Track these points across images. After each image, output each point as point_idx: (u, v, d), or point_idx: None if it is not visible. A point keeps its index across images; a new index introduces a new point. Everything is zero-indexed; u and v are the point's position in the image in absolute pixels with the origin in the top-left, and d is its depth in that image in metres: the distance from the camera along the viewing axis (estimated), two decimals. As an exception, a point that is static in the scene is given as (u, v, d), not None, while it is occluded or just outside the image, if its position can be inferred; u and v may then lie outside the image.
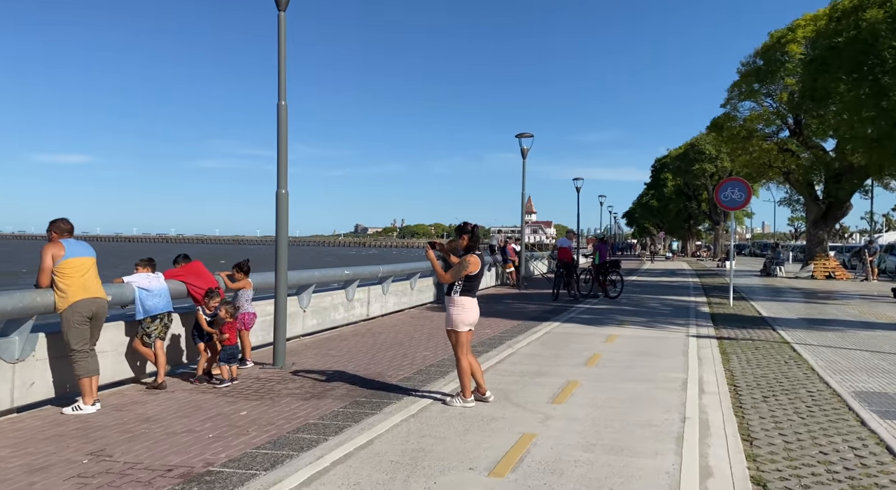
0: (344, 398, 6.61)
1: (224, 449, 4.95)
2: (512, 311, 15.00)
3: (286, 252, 8.32)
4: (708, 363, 8.80)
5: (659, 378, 7.82)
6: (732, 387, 7.41)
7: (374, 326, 12.32)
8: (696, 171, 58.69)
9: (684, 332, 11.80)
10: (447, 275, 6.35)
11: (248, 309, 8.28)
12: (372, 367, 8.27)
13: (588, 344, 10.30)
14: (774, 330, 12.15)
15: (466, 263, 6.24)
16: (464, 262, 6.28)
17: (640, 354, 9.44)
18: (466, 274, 6.25)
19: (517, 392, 6.97)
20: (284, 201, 8.30)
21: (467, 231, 6.38)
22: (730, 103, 34.19)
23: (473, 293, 6.39)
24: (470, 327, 6.39)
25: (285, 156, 8.29)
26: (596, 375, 7.91)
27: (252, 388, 7.04)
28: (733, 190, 17.06)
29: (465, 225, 6.42)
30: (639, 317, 14.08)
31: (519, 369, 8.23)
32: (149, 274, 7.12)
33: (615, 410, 6.26)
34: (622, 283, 18.81)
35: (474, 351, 9.41)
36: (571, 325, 12.72)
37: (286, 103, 8.28)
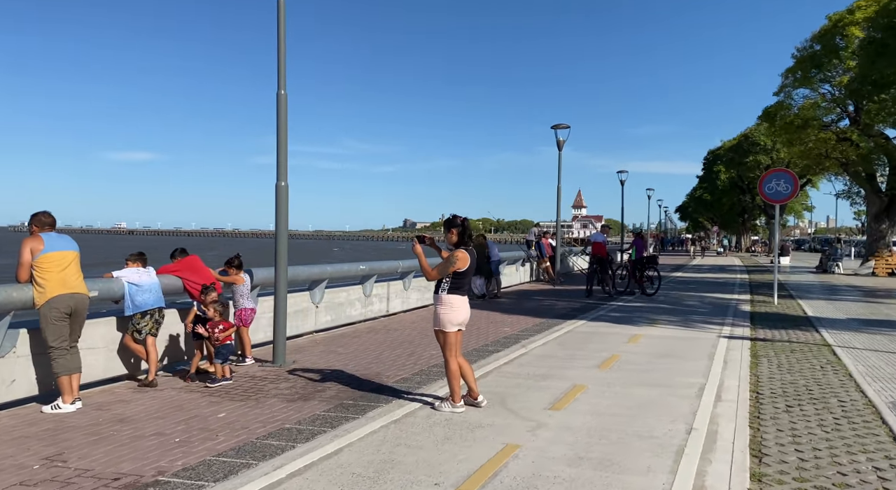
0: (331, 400, 6.31)
1: (184, 455, 4.71)
2: (539, 309, 14.51)
3: (286, 247, 8.08)
4: (734, 367, 8.19)
5: (675, 383, 7.28)
6: (754, 394, 6.83)
7: (391, 323, 12.04)
8: (750, 163, 56.52)
9: (717, 332, 11.13)
10: (433, 271, 5.98)
11: (246, 305, 8.08)
12: (373, 367, 7.97)
13: (609, 344, 9.77)
14: (817, 331, 11.36)
15: (454, 259, 5.86)
16: (451, 257, 5.89)
17: (662, 356, 8.87)
18: (454, 270, 5.86)
19: (515, 397, 6.55)
20: (284, 194, 8.05)
21: (456, 225, 5.98)
22: (784, 91, 32.68)
23: (463, 291, 5.99)
24: (459, 327, 6.01)
25: (285, 147, 8.04)
26: (606, 379, 7.42)
27: (242, 388, 6.82)
28: (778, 181, 16.10)
29: (454, 218, 6.02)
30: (672, 315, 13.41)
31: (525, 371, 7.80)
32: (139, 268, 6.96)
33: (616, 419, 5.79)
34: (660, 279, 18.05)
35: (485, 351, 9.05)
36: (598, 323, 12.17)
37: (286, 92, 8.03)
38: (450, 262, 5.86)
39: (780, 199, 16.12)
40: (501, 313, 13.51)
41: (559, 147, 21.97)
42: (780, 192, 16.06)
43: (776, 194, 16.11)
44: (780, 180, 16.10)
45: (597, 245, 17.89)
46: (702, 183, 73.54)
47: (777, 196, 16.11)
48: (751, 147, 56.56)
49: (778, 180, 16.13)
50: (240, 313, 8.03)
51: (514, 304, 15.32)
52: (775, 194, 16.12)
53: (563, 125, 21.82)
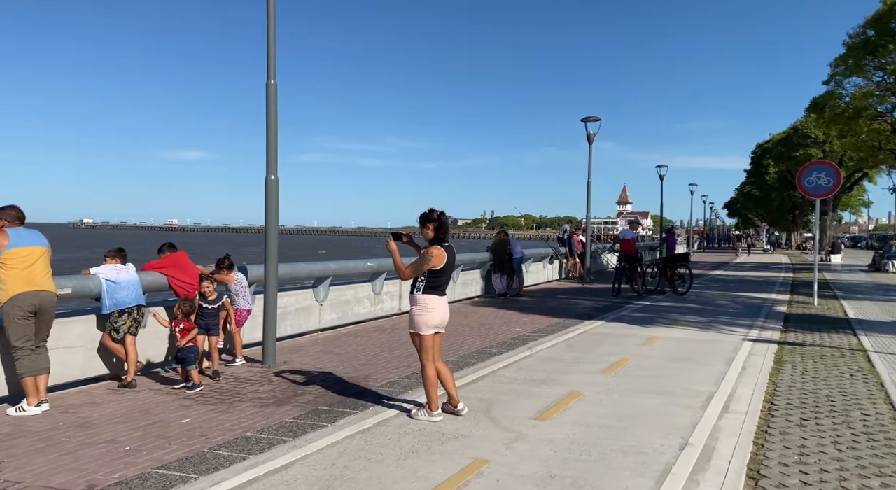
0: (306, 406, 5.98)
1: (126, 466, 4.43)
2: (560, 308, 13.98)
3: (276, 243, 7.79)
4: (752, 373, 7.58)
5: (682, 391, 6.73)
6: (768, 405, 6.24)
7: (401, 322, 11.67)
8: (801, 156, 54.21)
9: (743, 334, 10.45)
10: (407, 269, 5.57)
11: (239, 305, 7.82)
12: (365, 369, 7.62)
13: (622, 347, 9.22)
14: (855, 334, 10.58)
15: (429, 256, 5.45)
16: (425, 254, 5.48)
17: (677, 361, 8.30)
18: (430, 268, 5.45)
19: (503, 404, 6.11)
20: (274, 188, 7.77)
21: (432, 219, 5.55)
22: (834, 80, 31.16)
23: (440, 291, 5.58)
24: (436, 330, 5.60)
25: (275, 139, 7.75)
26: (608, 385, 6.91)
27: (220, 391, 6.55)
28: (819, 174, 15.17)
29: (431, 212, 5.59)
30: (699, 316, 12.72)
31: (523, 376, 7.34)
32: (117, 265, 6.75)
33: (605, 431, 5.30)
34: (691, 277, 17.27)
35: (488, 353, 8.62)
36: (617, 324, 11.60)
37: (276, 82, 7.74)
38: (424, 260, 5.46)
39: (820, 194, 15.20)
40: (518, 313, 13.04)
41: (589, 140, 21.30)
42: (821, 185, 15.14)
43: (817, 188, 15.20)
44: (821, 173, 15.17)
45: (625, 242, 17.21)
46: (750, 178, 71.24)
47: (818, 190, 15.19)
48: (801, 140, 54.39)
49: (819, 173, 15.20)
50: (236, 313, 7.78)
51: (534, 303, 14.81)
52: (816, 188, 15.20)
53: (594, 118, 21.14)
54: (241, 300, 7.82)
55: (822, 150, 52.58)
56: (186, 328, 6.68)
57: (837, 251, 39.88)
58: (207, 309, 7.06)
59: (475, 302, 15.14)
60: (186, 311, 6.70)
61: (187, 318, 6.70)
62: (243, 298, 7.84)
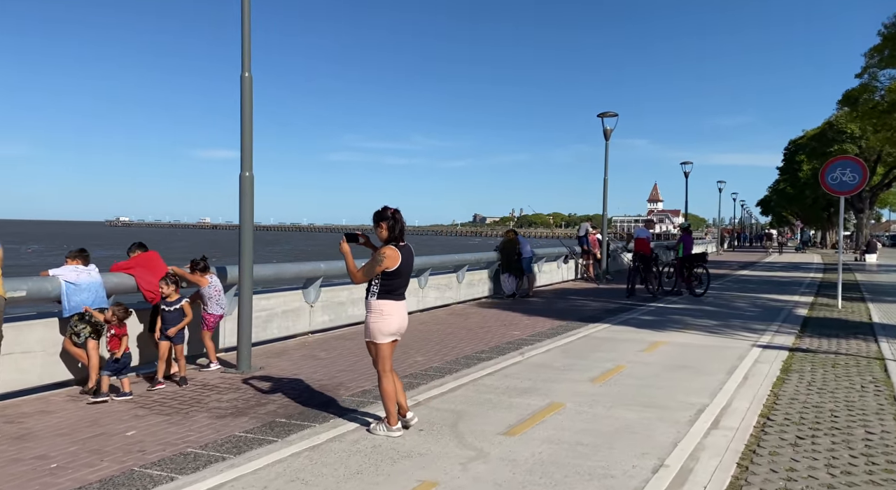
0: (265, 417, 5.65)
1: (43, 488, 4.13)
2: (567, 310, 13.49)
3: (251, 242, 7.48)
4: (753, 384, 7.06)
5: (673, 403, 6.25)
6: (764, 420, 5.74)
7: (399, 324, 11.31)
8: (835, 152, 52.47)
9: (753, 340, 9.87)
10: (359, 272, 5.18)
11: (211, 309, 7.53)
12: (341, 376, 7.27)
13: (620, 353, 8.74)
14: (876, 341, 9.93)
15: (381, 257, 5.06)
16: (377, 256, 5.09)
17: (675, 369, 7.80)
18: (383, 270, 5.07)
19: (473, 417, 5.70)
20: (249, 185, 7.46)
21: (386, 218, 5.15)
22: (868, 72, 29.99)
23: (397, 295, 5.19)
24: (393, 337, 5.22)
25: (250, 135, 7.44)
26: (594, 396, 6.46)
27: (182, 399, 6.25)
28: (844, 170, 14.41)
29: (385, 210, 5.19)
30: (711, 319, 12.14)
31: (505, 384, 6.92)
32: (77, 266, 6.49)
33: (575, 450, 4.87)
34: (709, 278, 16.60)
35: (476, 358, 8.25)
36: (621, 327, 11.09)
37: (251, 75, 7.42)
38: (375, 261, 5.07)
39: (845, 191, 14.44)
40: (522, 315, 12.60)
41: (606, 136, 20.70)
42: (846, 182, 14.37)
43: (841, 185, 14.43)
44: (846, 169, 14.41)
45: (639, 241, 16.61)
46: (783, 175, 69.41)
47: (842, 187, 14.42)
48: (836, 136, 52.69)
49: (843, 169, 14.44)
50: (204, 317, 7.50)
51: (542, 305, 14.34)
52: (840, 185, 14.44)
53: (611, 113, 20.54)
54: (214, 304, 7.53)
55: (858, 145, 50.91)
56: (117, 334, 6.28)
57: (873, 250, 38.43)
58: (167, 312, 6.77)
59: (482, 303, 14.72)
60: (121, 316, 6.31)
61: (121, 323, 6.32)
62: (216, 302, 7.54)
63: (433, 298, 13.50)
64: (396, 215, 5.16)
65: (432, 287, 13.46)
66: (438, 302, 13.70)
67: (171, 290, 6.79)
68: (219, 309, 7.56)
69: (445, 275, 14.26)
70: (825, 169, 14.71)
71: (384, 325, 5.10)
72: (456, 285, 14.45)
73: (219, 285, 7.66)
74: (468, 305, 14.23)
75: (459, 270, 14.58)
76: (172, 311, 6.76)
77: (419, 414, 5.73)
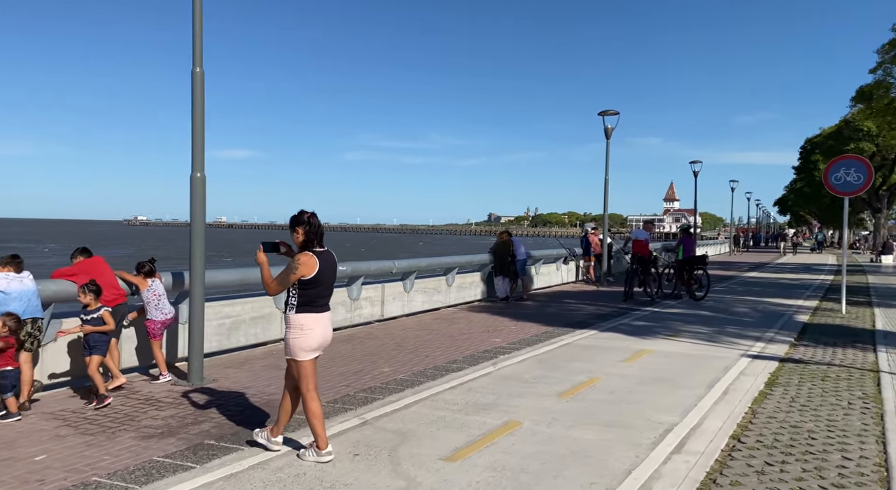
0: (194, 438, 5.28)
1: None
2: (559, 314, 13.06)
3: (203, 246, 7.13)
4: (732, 400, 6.61)
5: (640, 422, 5.82)
6: (735, 442, 5.30)
7: (379, 330, 10.97)
8: (852, 151, 51.40)
9: (744, 349, 9.40)
10: (272, 282, 4.76)
11: (151, 315, 7.16)
12: (296, 388, 6.90)
13: (598, 363, 8.31)
14: (874, 350, 9.42)
15: (294, 265, 4.64)
16: (291, 263, 4.68)
17: (652, 382, 7.37)
18: (298, 279, 4.66)
19: (419, 439, 5.31)
20: (200, 186, 7.12)
21: (302, 222, 4.72)
22: (882, 68, 29.14)
23: (317, 306, 4.76)
24: (316, 354, 4.82)
25: (201, 134, 7.09)
26: (556, 414, 6.05)
27: (113, 416, 5.85)
28: (848, 170, 13.84)
29: (301, 214, 4.76)
30: (705, 326, 11.65)
31: (465, 399, 6.52)
32: (8, 274, 6.16)
33: (517, 480, 4.46)
34: (709, 280, 16.06)
35: (445, 369, 7.90)
36: (609, 334, 10.64)
37: (202, 70, 7.08)
38: (290, 269, 4.65)
39: (849, 191, 13.86)
40: (510, 320, 12.19)
41: (607, 135, 20.21)
42: (850, 183, 13.80)
43: (845, 186, 13.86)
44: (851, 169, 13.83)
45: (637, 243, 16.13)
46: (799, 174, 68.23)
47: (846, 187, 13.85)
48: (852, 133, 51.46)
49: (847, 169, 13.86)
50: (146, 324, 7.18)
51: (534, 309, 13.92)
52: (844, 186, 13.87)
53: (612, 111, 20.04)
54: (153, 309, 7.17)
55: (875, 143, 49.80)
56: (2, 346, 5.82)
57: (889, 251, 37.54)
58: (85, 321, 6.38)
59: (473, 307, 14.33)
60: (12, 326, 5.84)
61: (13, 334, 5.85)
62: (155, 307, 7.18)
63: (420, 302, 13.12)
64: (313, 219, 4.76)
65: (419, 291, 13.09)
66: (426, 306, 13.32)
67: (90, 299, 6.39)
68: (160, 315, 7.20)
69: (434, 278, 13.88)
70: (829, 168, 14.15)
71: (305, 340, 4.71)
72: (445, 288, 14.06)
73: (160, 289, 7.29)
74: (458, 309, 13.84)
75: (449, 273, 14.19)
76: (90, 320, 6.38)
77: (363, 434, 5.36)
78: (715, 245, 50.24)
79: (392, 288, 12.27)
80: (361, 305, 11.43)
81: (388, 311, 12.13)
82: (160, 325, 7.19)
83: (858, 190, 13.76)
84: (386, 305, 12.09)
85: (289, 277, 4.64)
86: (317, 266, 4.65)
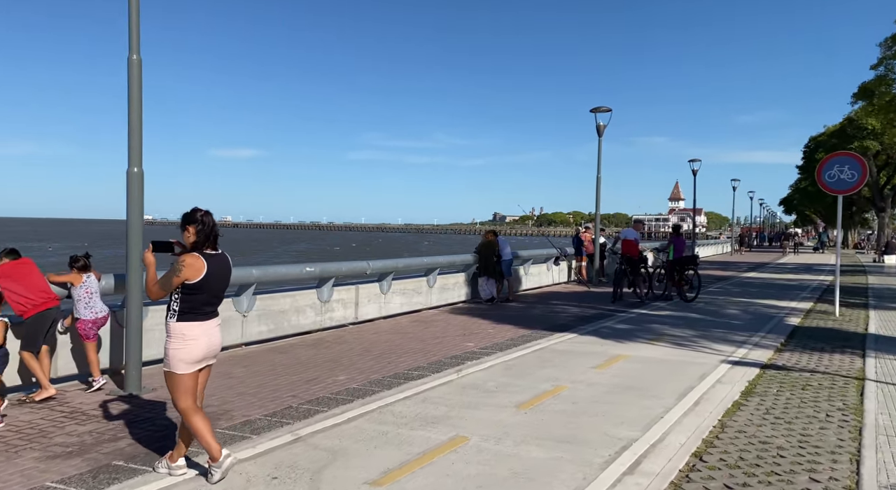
0: (103, 458, 4.81)
1: None
2: (542, 316, 12.62)
3: (140, 246, 6.66)
4: (702, 411, 6.17)
5: (597, 438, 5.39)
6: (696, 460, 4.87)
7: (349, 334, 10.55)
8: (856, 149, 50.71)
9: (726, 354, 8.95)
10: (154, 287, 4.29)
11: (80, 314, 6.72)
12: (237, 400, 6.45)
13: (568, 370, 7.87)
14: (863, 356, 8.96)
15: (178, 267, 4.19)
16: (175, 265, 4.22)
17: (621, 391, 6.93)
18: (182, 283, 4.21)
19: (350, 458, 4.89)
20: (137, 182, 6.70)
21: (194, 221, 4.28)
22: (884, 64, 28.53)
23: (203, 314, 4.32)
24: (199, 366, 4.35)
25: (139, 125, 6.67)
26: (508, 427, 5.62)
27: (27, 432, 5.42)
28: (842, 168, 13.35)
29: (193, 212, 4.32)
30: (690, 329, 11.20)
31: (415, 412, 6.10)
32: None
33: (443, 505, 4.05)
34: (699, 281, 15.59)
35: (405, 377, 7.49)
36: (588, 338, 10.20)
37: (140, 58, 6.67)
38: (172, 271, 4.20)
39: (843, 190, 13.38)
40: (490, 322, 11.76)
41: (599, 132, 19.72)
42: (844, 180, 13.31)
43: (839, 183, 13.38)
44: (844, 166, 13.35)
45: (626, 243, 15.68)
46: (803, 173, 67.52)
47: (839, 186, 13.37)
48: (856, 132, 50.78)
49: (841, 166, 13.38)
50: (77, 326, 6.76)
51: (518, 311, 13.49)
52: (837, 183, 13.39)
53: (604, 108, 19.55)
54: (83, 308, 6.70)
55: (880, 142, 49.07)
56: None
57: (892, 251, 36.90)
58: None
59: (456, 309, 13.90)
60: None
61: None
62: (85, 306, 6.73)
63: (398, 304, 12.71)
64: (206, 218, 4.31)
65: (397, 292, 12.67)
66: (405, 308, 12.91)
67: None
68: (90, 314, 6.75)
69: (415, 278, 13.46)
70: (822, 166, 13.68)
71: (186, 352, 4.24)
72: (426, 290, 13.64)
73: (94, 287, 6.85)
74: (439, 312, 13.42)
75: (431, 274, 13.77)
76: None
77: (291, 453, 4.94)
78: (717, 245, 49.67)
79: (367, 289, 11.86)
80: (333, 307, 11.02)
81: (363, 314, 11.72)
82: (91, 324, 6.76)
83: (852, 188, 13.27)
84: (360, 307, 11.68)
85: (171, 280, 4.19)
86: (204, 269, 4.21)
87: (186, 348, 4.23)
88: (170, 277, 4.19)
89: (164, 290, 4.24)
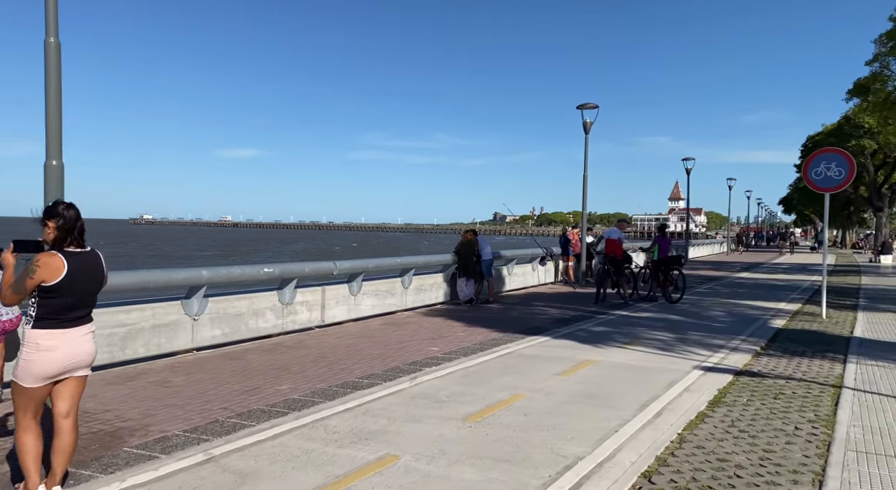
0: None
1: None
2: (519, 319, 12.18)
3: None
4: (662, 424, 5.73)
5: (540, 456, 4.94)
6: (644, 481, 4.42)
7: (312, 338, 10.10)
8: (853, 148, 50.21)
9: (701, 360, 8.51)
10: (7, 291, 3.81)
11: None
12: (158, 414, 5.96)
13: (530, 377, 7.43)
14: (844, 361, 8.51)
15: (32, 268, 3.73)
16: (29, 267, 3.75)
17: (580, 400, 6.49)
18: (38, 286, 3.76)
19: (259, 483, 4.43)
20: (56, 176, 6.15)
21: (55, 215, 3.85)
22: (879, 60, 28.09)
23: (64, 321, 3.85)
24: (53, 380, 3.89)
25: (58, 114, 6.14)
26: (445, 445, 5.17)
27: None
28: (829, 165, 12.89)
29: (55, 205, 3.91)
30: (668, 332, 10.76)
31: (350, 427, 5.65)
32: None
33: (346, 537, 3.61)
34: (684, 282, 15.13)
35: (354, 385, 7.04)
36: (561, 341, 9.76)
37: (58, 40, 6.16)
38: (26, 273, 3.74)
39: (830, 187, 12.91)
40: (463, 325, 11.32)
41: (585, 130, 19.29)
42: (831, 177, 12.85)
43: (825, 181, 12.92)
44: (831, 163, 12.89)
45: (610, 242, 15.23)
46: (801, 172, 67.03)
47: (826, 183, 12.91)
48: (853, 130, 50.31)
49: (828, 163, 12.92)
50: None
51: (495, 313, 13.04)
52: (824, 181, 12.93)
53: (591, 105, 19.13)
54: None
55: (877, 140, 48.55)
56: None
57: (888, 251, 36.45)
58: None
59: (432, 310, 13.46)
60: None
61: None
62: None
63: (370, 306, 12.28)
64: (68, 211, 3.87)
65: (369, 293, 12.24)
66: (377, 310, 12.48)
67: None
68: None
69: (388, 279, 13.04)
70: (808, 163, 13.22)
71: (39, 363, 3.77)
72: (401, 291, 13.20)
73: None
74: (413, 314, 12.98)
75: (406, 275, 13.33)
76: None
77: (196, 476, 4.48)
78: (713, 245, 49.20)
79: (335, 290, 11.42)
80: (296, 310, 10.58)
81: (330, 316, 11.28)
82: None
83: (839, 186, 12.81)
84: (327, 310, 11.24)
85: (24, 283, 3.73)
86: (63, 269, 3.76)
87: (39, 359, 3.77)
88: (23, 279, 3.73)
89: (18, 294, 3.78)
